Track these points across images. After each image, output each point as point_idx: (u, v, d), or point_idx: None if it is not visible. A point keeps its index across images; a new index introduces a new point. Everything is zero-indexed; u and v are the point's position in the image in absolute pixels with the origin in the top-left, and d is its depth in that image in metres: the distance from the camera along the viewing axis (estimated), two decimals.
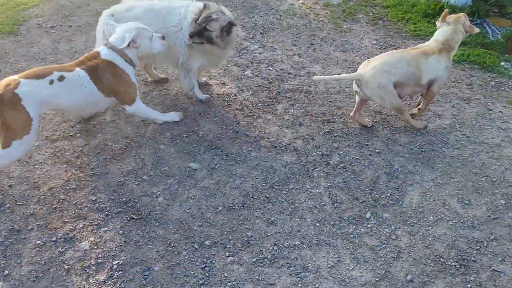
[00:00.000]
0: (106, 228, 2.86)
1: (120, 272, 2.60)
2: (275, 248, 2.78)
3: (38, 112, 2.92)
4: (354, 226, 2.94)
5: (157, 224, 2.90)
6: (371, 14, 5.92)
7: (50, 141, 3.49)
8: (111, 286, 2.52)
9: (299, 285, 2.57)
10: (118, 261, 2.66)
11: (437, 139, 3.70)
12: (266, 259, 2.70)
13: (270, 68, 4.59)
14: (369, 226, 2.94)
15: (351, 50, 5.03)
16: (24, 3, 5.57)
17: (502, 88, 4.43)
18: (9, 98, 2.76)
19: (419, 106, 3.85)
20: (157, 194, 3.10)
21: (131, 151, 3.44)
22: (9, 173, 3.18)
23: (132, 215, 2.95)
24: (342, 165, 3.39)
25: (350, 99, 4.13)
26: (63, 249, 2.72)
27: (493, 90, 4.39)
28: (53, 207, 2.97)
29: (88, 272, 2.60)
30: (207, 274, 2.61)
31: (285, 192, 3.15)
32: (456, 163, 3.46)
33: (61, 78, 2.96)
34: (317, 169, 3.35)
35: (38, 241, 2.76)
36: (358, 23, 5.68)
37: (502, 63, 4.86)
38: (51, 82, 2.93)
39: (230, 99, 4.08)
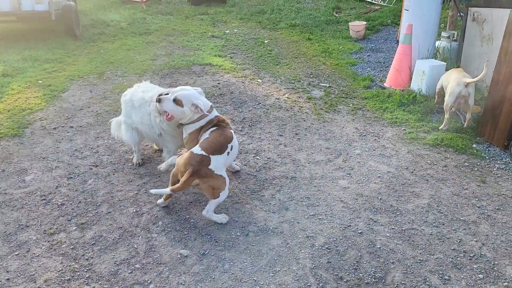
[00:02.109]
0: None
1: None
2: None
3: (225, 170, 3.83)
4: None
5: None
6: (351, 105, 6.41)
7: (47, 234, 3.66)
8: None
9: None
10: None
11: (416, 218, 3.89)
12: None
13: (258, 157, 4.91)
14: None
15: (333, 138, 5.39)
16: (30, 108, 6.02)
17: (476, 169, 4.72)
18: (206, 173, 3.62)
19: None
20: (149, 281, 3.21)
21: (125, 240, 3.61)
22: (7, 267, 3.31)
23: None
24: (327, 246, 3.55)
25: (333, 183, 4.39)
26: None
27: (467, 171, 4.67)
28: None
29: None
30: None
31: (272, 275, 3.27)
32: (435, 240, 3.62)
33: (231, 148, 3.88)
34: (302, 251, 3.50)
35: None
36: (339, 113, 6.14)
37: (474, 145, 5.20)
38: (228, 153, 3.86)
39: None
